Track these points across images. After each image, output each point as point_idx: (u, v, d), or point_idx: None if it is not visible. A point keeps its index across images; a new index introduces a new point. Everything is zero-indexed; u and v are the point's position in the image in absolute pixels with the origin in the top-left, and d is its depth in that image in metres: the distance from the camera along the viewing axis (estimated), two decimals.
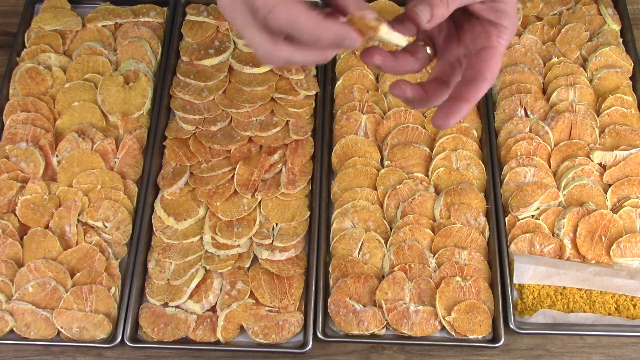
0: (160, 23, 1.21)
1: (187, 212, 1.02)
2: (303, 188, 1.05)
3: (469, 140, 1.07)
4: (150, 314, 0.95)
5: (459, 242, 0.99)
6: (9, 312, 0.94)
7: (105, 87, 1.12)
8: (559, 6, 1.22)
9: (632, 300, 0.96)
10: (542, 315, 0.95)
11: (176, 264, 0.99)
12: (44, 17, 1.19)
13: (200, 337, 0.94)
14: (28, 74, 1.13)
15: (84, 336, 0.93)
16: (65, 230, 1.00)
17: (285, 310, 0.96)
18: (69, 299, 0.94)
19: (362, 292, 0.96)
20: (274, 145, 1.08)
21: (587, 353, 0.94)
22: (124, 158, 1.07)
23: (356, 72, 1.15)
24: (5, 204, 1.01)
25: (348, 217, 1.01)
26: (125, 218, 1.01)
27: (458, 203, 1.01)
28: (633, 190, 1.03)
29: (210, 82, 1.13)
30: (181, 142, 1.09)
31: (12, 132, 1.08)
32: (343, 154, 1.07)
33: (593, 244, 0.99)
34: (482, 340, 0.94)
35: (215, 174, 1.05)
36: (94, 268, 0.97)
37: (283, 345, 0.94)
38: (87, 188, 1.03)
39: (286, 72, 1.14)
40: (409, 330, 0.93)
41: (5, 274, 0.97)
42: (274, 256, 0.98)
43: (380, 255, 0.99)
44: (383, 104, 1.12)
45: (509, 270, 0.97)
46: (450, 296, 0.95)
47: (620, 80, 1.13)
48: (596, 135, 1.08)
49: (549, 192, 1.02)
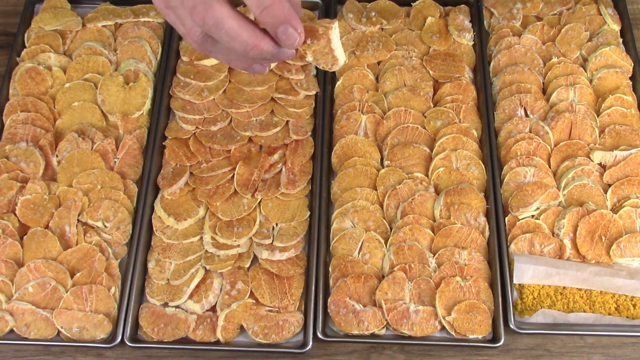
0: (160, 23, 1.21)
1: (187, 212, 1.02)
2: (303, 188, 1.05)
3: (469, 140, 1.07)
4: (150, 314, 0.95)
5: (459, 242, 0.99)
6: (9, 312, 0.94)
7: (105, 87, 1.12)
8: (559, 6, 1.22)
9: (632, 300, 0.96)
10: (542, 315, 0.95)
11: (176, 264, 0.99)
12: (44, 17, 1.19)
13: (200, 337, 0.94)
14: (28, 74, 1.13)
15: (84, 336, 0.93)
16: (65, 230, 1.00)
17: (285, 310, 0.96)
18: (69, 299, 0.94)
19: (362, 292, 0.96)
20: (274, 145, 1.08)
21: (587, 353, 0.94)
22: (124, 158, 1.07)
23: (356, 72, 1.15)
24: (5, 204, 1.01)
25: (348, 217, 1.01)
26: (125, 218, 1.01)
27: (458, 203, 1.01)
28: (633, 190, 1.03)
29: (210, 82, 1.13)
30: (181, 142, 1.09)
31: (12, 132, 1.08)
32: (343, 154, 1.07)
33: (593, 244, 0.99)
34: (482, 340, 0.94)
35: (215, 174, 1.05)
36: (94, 268, 0.97)
37: (283, 345, 0.94)
38: (87, 188, 1.03)
39: (286, 72, 1.14)
40: (409, 330, 0.93)
41: (5, 274, 0.97)
42: (274, 256, 0.98)
43: (380, 255, 0.99)
44: (383, 104, 1.12)
45: (509, 270, 0.97)
46: (450, 296, 0.95)
47: (620, 80, 1.13)
48: (596, 135, 1.08)
49: (549, 192, 1.02)
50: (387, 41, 1.18)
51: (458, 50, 1.18)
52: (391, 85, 1.14)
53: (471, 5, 1.23)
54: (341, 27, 1.21)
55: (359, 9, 1.22)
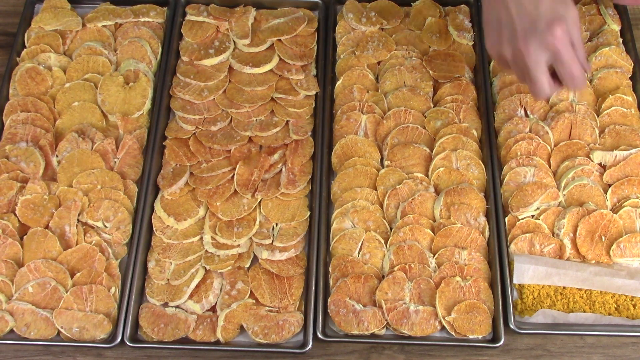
0: (160, 23, 1.21)
1: (187, 212, 1.02)
2: (303, 188, 1.05)
3: (469, 140, 1.07)
4: (150, 314, 0.95)
5: (459, 242, 0.99)
6: (9, 312, 0.94)
7: (105, 87, 1.12)
8: None
9: (632, 300, 0.96)
10: (542, 315, 0.95)
11: (176, 264, 0.99)
12: (44, 17, 1.19)
13: (200, 337, 0.94)
14: (28, 74, 1.13)
15: (84, 336, 0.93)
16: (65, 230, 1.00)
17: (285, 310, 0.96)
18: (69, 299, 0.94)
19: (362, 292, 0.96)
20: (274, 145, 1.08)
21: (587, 353, 0.94)
22: (124, 158, 1.07)
23: (356, 72, 1.15)
24: (5, 204, 1.01)
25: (348, 217, 1.01)
26: (125, 218, 1.01)
27: (458, 203, 1.01)
28: (633, 190, 1.03)
29: (210, 82, 1.13)
30: (181, 142, 1.09)
31: (12, 132, 1.08)
32: (343, 154, 1.07)
33: (593, 244, 0.99)
34: (482, 340, 0.94)
35: (215, 174, 1.05)
36: (94, 268, 0.97)
37: (283, 345, 0.94)
38: (87, 188, 1.03)
39: (286, 72, 1.14)
40: (409, 330, 0.93)
41: (5, 274, 0.97)
42: (274, 256, 0.98)
43: (380, 255, 0.99)
44: (383, 104, 1.12)
45: (509, 270, 0.97)
46: (450, 296, 0.95)
47: (620, 80, 1.13)
48: (596, 135, 1.08)
49: (549, 192, 1.02)
50: (387, 41, 1.18)
51: (458, 50, 1.18)
52: (391, 85, 1.14)
53: (471, 5, 1.23)
54: (341, 27, 1.21)
55: (359, 9, 1.22)
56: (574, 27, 0.84)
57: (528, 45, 0.83)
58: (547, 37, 0.82)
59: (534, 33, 0.83)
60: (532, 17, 0.83)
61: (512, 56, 0.87)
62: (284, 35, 1.18)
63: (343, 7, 1.22)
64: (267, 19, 1.21)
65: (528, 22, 0.83)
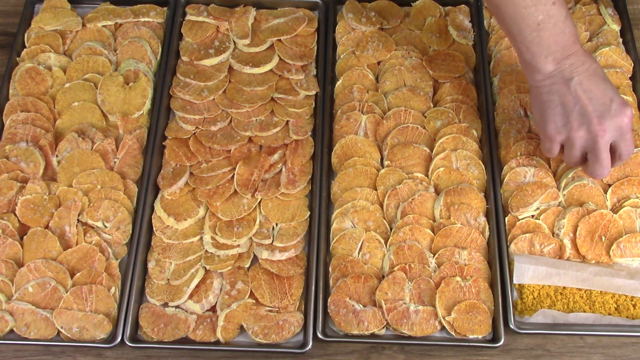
0: (160, 23, 1.21)
1: (187, 212, 1.02)
2: (303, 188, 1.05)
3: (469, 140, 1.07)
4: (150, 314, 0.95)
5: (459, 242, 0.99)
6: (9, 312, 0.94)
7: (105, 87, 1.12)
8: None
9: (632, 300, 0.96)
10: (542, 315, 0.95)
11: (176, 264, 0.99)
12: (44, 17, 1.19)
13: (200, 337, 0.94)
14: (28, 74, 1.13)
15: (84, 336, 0.93)
16: (65, 230, 1.00)
17: (285, 310, 0.96)
18: (69, 299, 0.94)
19: (362, 292, 0.96)
20: (274, 145, 1.08)
21: (587, 353, 0.94)
22: (124, 158, 1.07)
23: (356, 72, 1.15)
24: (5, 204, 1.01)
25: (348, 217, 1.01)
26: (125, 218, 1.01)
27: (458, 203, 1.01)
28: (633, 190, 1.03)
29: (210, 82, 1.13)
30: (181, 142, 1.09)
31: (12, 132, 1.08)
32: (343, 154, 1.07)
33: (593, 244, 0.99)
34: (482, 340, 0.94)
35: (215, 174, 1.05)
36: (94, 268, 0.97)
37: (283, 345, 0.94)
38: (87, 188, 1.03)
39: (286, 72, 1.14)
40: (409, 330, 0.93)
41: (5, 274, 0.97)
42: (274, 256, 0.98)
43: (380, 255, 0.99)
44: (383, 104, 1.12)
45: (509, 270, 0.97)
46: (450, 296, 0.95)
47: (620, 80, 1.13)
48: None
49: (549, 192, 1.02)
50: (387, 41, 1.18)
51: (458, 50, 1.18)
52: (391, 85, 1.14)
53: (471, 5, 1.23)
54: (341, 27, 1.21)
55: (359, 9, 1.22)
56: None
57: (604, 126, 0.88)
58: (621, 118, 0.89)
59: (608, 116, 0.88)
60: (604, 101, 0.89)
61: (581, 139, 0.90)
62: (284, 35, 1.18)
63: (343, 7, 1.22)
64: (267, 19, 1.21)
65: (600, 106, 0.88)
